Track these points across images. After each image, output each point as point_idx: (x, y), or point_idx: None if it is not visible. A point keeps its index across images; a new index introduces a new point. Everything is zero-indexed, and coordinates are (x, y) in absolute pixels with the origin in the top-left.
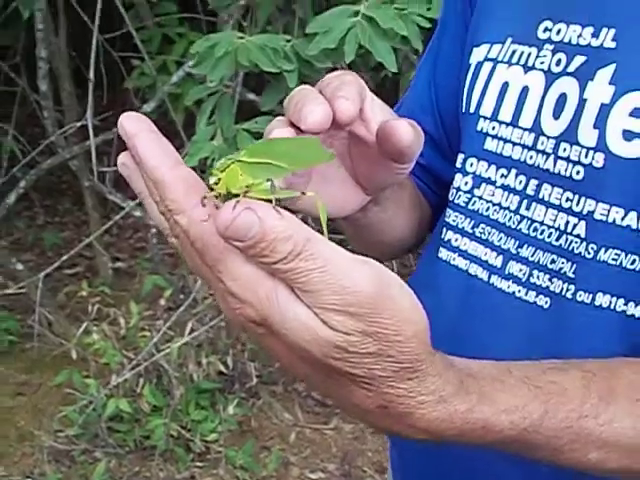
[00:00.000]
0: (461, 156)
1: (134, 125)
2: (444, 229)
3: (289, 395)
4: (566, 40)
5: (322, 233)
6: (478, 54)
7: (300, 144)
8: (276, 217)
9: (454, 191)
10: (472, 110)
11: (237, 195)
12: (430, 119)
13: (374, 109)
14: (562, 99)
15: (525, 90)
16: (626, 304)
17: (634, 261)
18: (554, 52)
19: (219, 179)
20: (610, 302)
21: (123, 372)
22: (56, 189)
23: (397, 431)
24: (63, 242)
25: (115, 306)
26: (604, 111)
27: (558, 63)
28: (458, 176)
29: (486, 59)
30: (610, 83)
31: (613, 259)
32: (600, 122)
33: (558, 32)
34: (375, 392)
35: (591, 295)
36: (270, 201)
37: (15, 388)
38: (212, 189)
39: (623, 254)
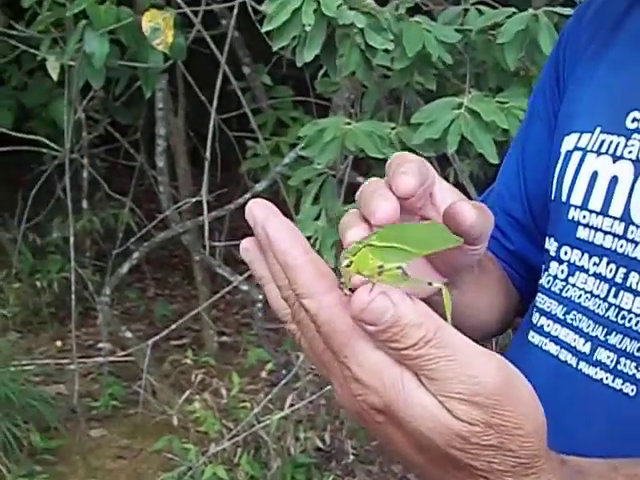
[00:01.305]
0: (555, 244)
1: (263, 210)
2: (536, 314)
3: (384, 475)
4: None
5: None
6: (568, 143)
7: (428, 229)
8: (409, 303)
9: (551, 278)
10: (563, 199)
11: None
12: (519, 206)
13: (443, 192)
14: None
15: (614, 179)
16: None
17: None
18: None
19: (351, 262)
20: None
21: (222, 441)
22: (167, 263)
23: None
24: (172, 314)
25: (218, 377)
26: None
27: None
28: (554, 264)
29: (575, 148)
30: None
31: None
32: None
33: None
34: None
35: None
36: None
37: (117, 452)
38: (341, 273)
39: None
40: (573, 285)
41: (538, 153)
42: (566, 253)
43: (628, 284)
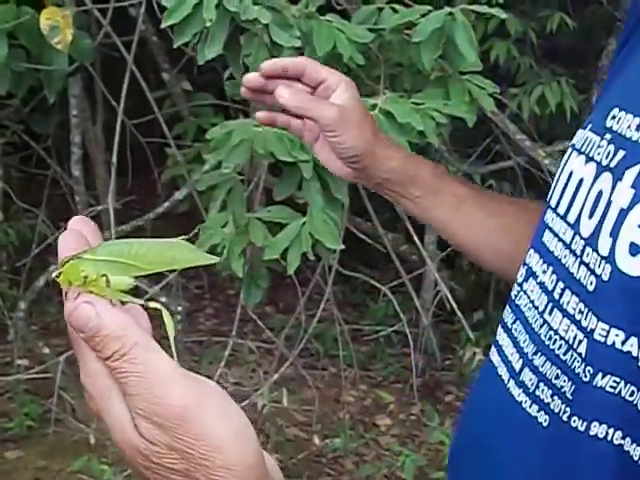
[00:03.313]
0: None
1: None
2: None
3: None
4: (620, 130)
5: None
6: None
7: (171, 247)
8: (113, 315)
9: (515, 283)
10: (548, 198)
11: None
12: None
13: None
14: (599, 197)
15: (580, 182)
16: (623, 438)
17: (633, 392)
18: (610, 142)
19: (60, 273)
20: (607, 433)
21: None
22: None
23: None
24: None
25: None
26: (621, 218)
27: (608, 155)
28: (521, 267)
29: (571, 145)
30: (632, 186)
31: (611, 386)
32: (615, 230)
33: (619, 120)
34: None
35: (586, 423)
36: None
37: (34, 473)
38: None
39: (622, 382)
40: (525, 292)
41: None
42: (530, 256)
43: (561, 302)
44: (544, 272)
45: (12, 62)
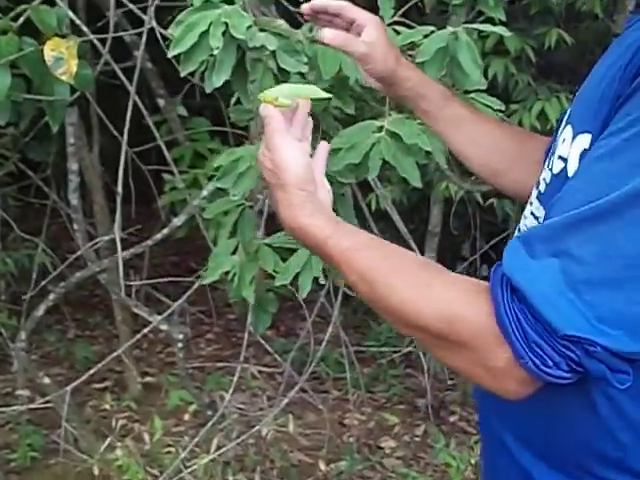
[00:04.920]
0: None
1: None
2: None
3: None
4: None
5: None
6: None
7: (307, 89)
8: (274, 113)
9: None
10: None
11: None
12: None
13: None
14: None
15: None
16: None
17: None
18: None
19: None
20: None
21: None
22: (88, 302)
23: (277, 209)
24: (93, 356)
25: (141, 422)
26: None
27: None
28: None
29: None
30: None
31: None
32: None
33: (564, 130)
34: (271, 191)
35: None
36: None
37: None
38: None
39: None
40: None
41: None
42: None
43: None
44: (531, 203)
45: (13, 92)
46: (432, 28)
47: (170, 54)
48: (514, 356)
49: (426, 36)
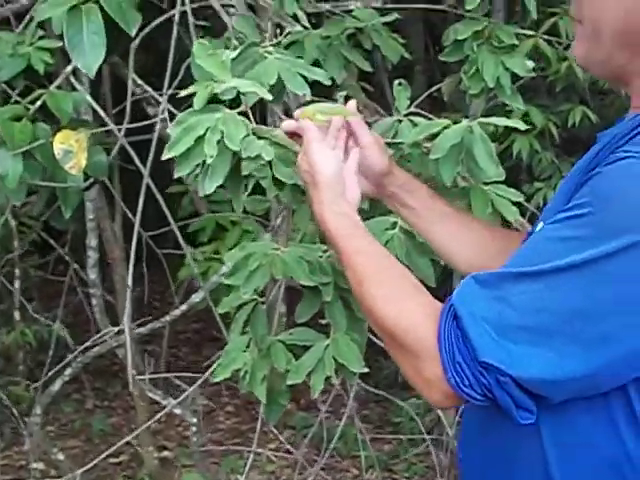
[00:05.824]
0: None
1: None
2: None
3: None
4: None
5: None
6: None
7: (338, 109)
8: (312, 126)
9: None
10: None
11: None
12: None
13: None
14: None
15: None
16: None
17: None
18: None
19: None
20: None
21: None
22: (107, 371)
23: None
24: (110, 428)
25: None
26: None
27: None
28: None
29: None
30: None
31: None
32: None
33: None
34: (307, 191)
35: None
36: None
37: None
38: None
39: None
40: None
41: None
42: None
43: None
44: None
45: (27, 177)
46: (448, 122)
47: (164, 156)
48: (442, 371)
49: (445, 127)
